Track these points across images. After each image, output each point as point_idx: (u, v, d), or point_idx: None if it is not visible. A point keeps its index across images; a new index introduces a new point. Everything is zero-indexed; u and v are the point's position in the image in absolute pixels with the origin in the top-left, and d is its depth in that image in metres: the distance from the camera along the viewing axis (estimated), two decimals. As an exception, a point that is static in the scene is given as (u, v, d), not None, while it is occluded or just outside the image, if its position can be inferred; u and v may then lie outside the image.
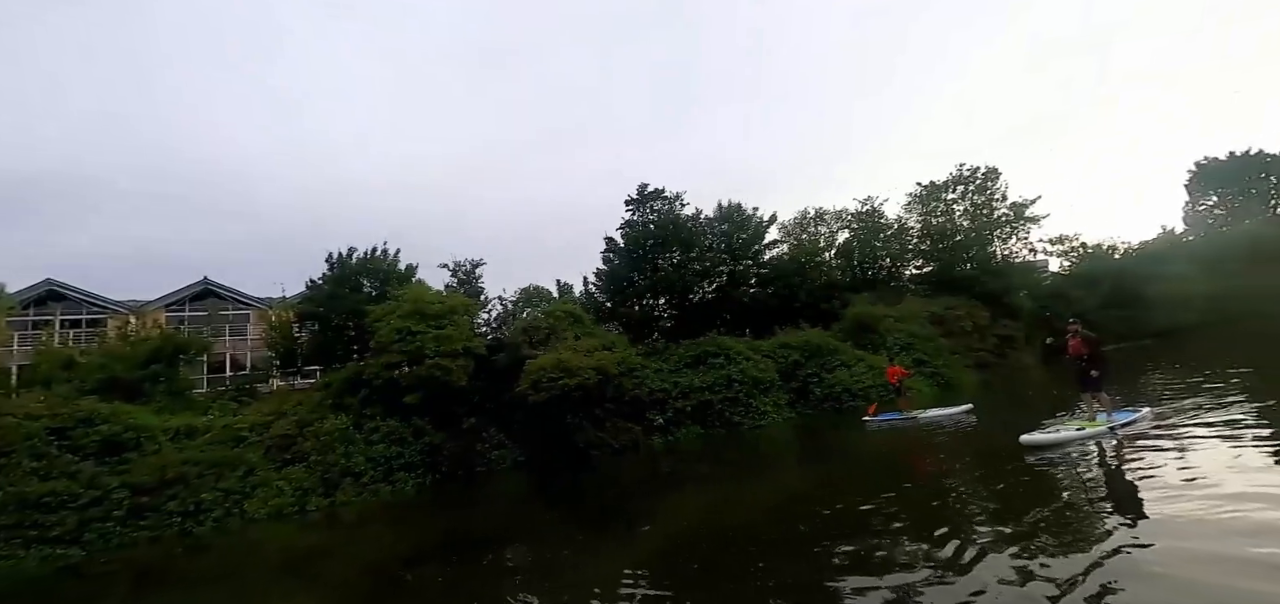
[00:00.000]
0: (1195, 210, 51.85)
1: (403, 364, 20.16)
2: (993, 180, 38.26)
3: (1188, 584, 4.15)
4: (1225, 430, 8.73)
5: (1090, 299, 35.07)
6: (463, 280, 26.84)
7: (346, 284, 24.24)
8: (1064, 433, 9.72)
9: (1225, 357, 19.37)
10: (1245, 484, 6.06)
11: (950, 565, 5.34)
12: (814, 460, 14.19)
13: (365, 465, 17.37)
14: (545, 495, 14.41)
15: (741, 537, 7.76)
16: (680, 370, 21.35)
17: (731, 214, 31.41)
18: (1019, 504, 6.85)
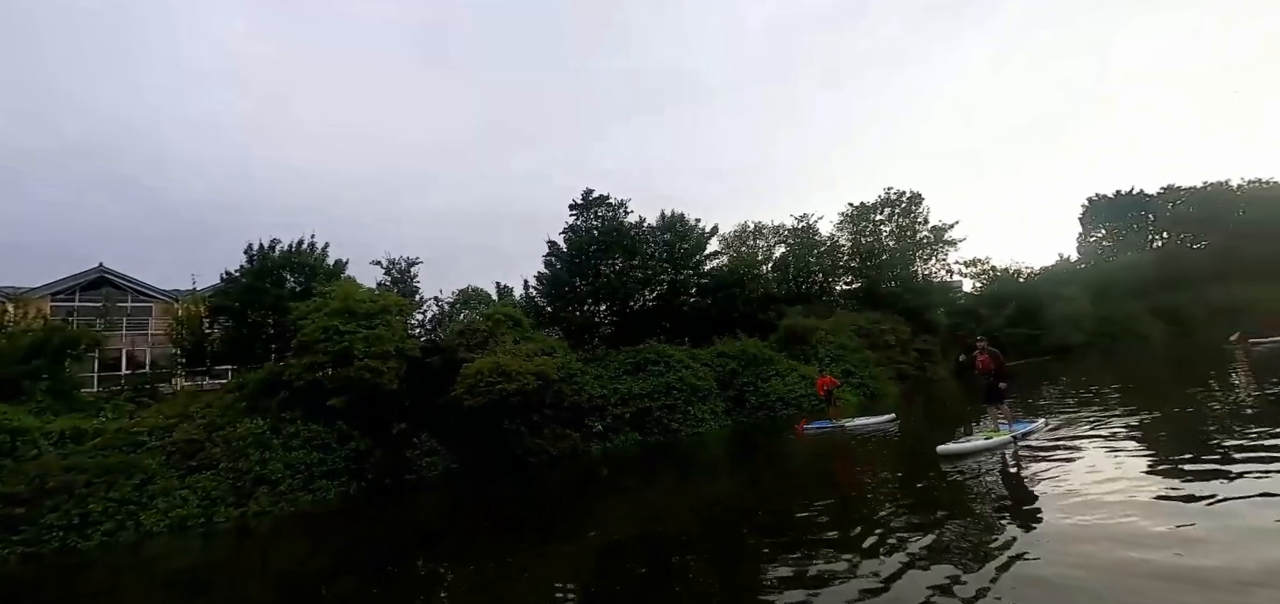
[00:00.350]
0: (1087, 241, 57.51)
1: (328, 365, 19.12)
2: (916, 204, 40.93)
3: (1074, 577, 4.61)
4: (1107, 440, 9.72)
5: (998, 318, 38.10)
6: (397, 279, 25.79)
7: (267, 278, 22.74)
8: (973, 443, 10.35)
9: (1108, 373, 21.62)
10: (1123, 487, 6.80)
11: (873, 566, 5.65)
12: (749, 467, 14.55)
13: (283, 473, 16.27)
14: (478, 504, 14.01)
15: (677, 543, 7.86)
16: (620, 377, 21.40)
17: (674, 224, 31.93)
18: (936, 509, 7.34)
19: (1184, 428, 9.96)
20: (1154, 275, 47.11)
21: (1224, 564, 4.41)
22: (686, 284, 32.25)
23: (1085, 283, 43.61)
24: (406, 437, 19.23)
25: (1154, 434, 9.80)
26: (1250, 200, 52.85)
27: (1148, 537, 5.23)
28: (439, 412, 19.80)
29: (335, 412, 18.39)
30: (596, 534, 9.18)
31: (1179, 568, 4.49)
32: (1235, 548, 4.70)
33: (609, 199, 30.63)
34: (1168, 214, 54.58)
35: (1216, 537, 4.98)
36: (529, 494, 14.23)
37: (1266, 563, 4.31)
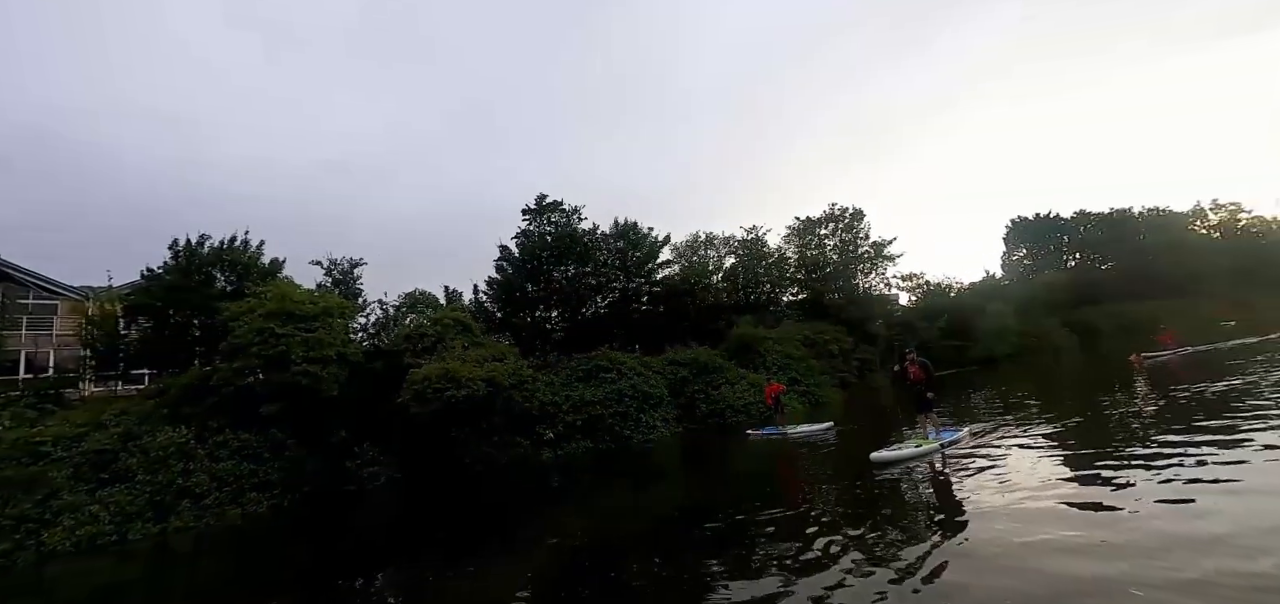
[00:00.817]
0: (1010, 259, 61.75)
1: (260, 369, 18.10)
2: (858, 220, 42.79)
3: (998, 568, 5.01)
4: (1027, 444, 10.48)
5: (932, 330, 40.29)
6: (338, 280, 24.67)
7: (194, 276, 21.29)
8: (905, 450, 10.76)
9: (1028, 382, 23.27)
10: (1041, 488, 7.37)
11: (813, 567, 5.90)
12: (699, 474, 14.76)
13: (208, 485, 15.25)
14: (424, 514, 13.57)
15: (627, 551, 7.89)
16: (572, 384, 21.26)
17: (627, 231, 32.09)
18: (871, 511, 7.72)
19: (1094, 432, 10.85)
20: (1068, 292, 51.10)
21: (1129, 541, 5.04)
22: (639, 292, 32.45)
23: (1009, 298, 46.74)
24: (347, 446, 18.42)
25: (1068, 438, 10.64)
26: (1150, 226, 58.33)
27: (1062, 528, 5.72)
28: (382, 419, 19.08)
29: (268, 419, 17.42)
30: (546, 543, 9.10)
31: (1091, 550, 4.99)
32: (1138, 531, 5.28)
33: (562, 204, 30.51)
34: (1080, 236, 59.42)
35: (1122, 522, 5.55)
36: (477, 504, 13.92)
37: (1166, 536, 4.92)
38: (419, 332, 21.42)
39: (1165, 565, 4.43)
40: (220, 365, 18.05)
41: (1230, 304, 46.95)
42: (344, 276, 24.75)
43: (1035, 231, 60.32)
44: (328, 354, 18.28)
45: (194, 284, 21.43)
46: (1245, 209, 62.24)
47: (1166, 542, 4.86)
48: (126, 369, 22.77)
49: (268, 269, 22.53)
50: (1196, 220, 62.06)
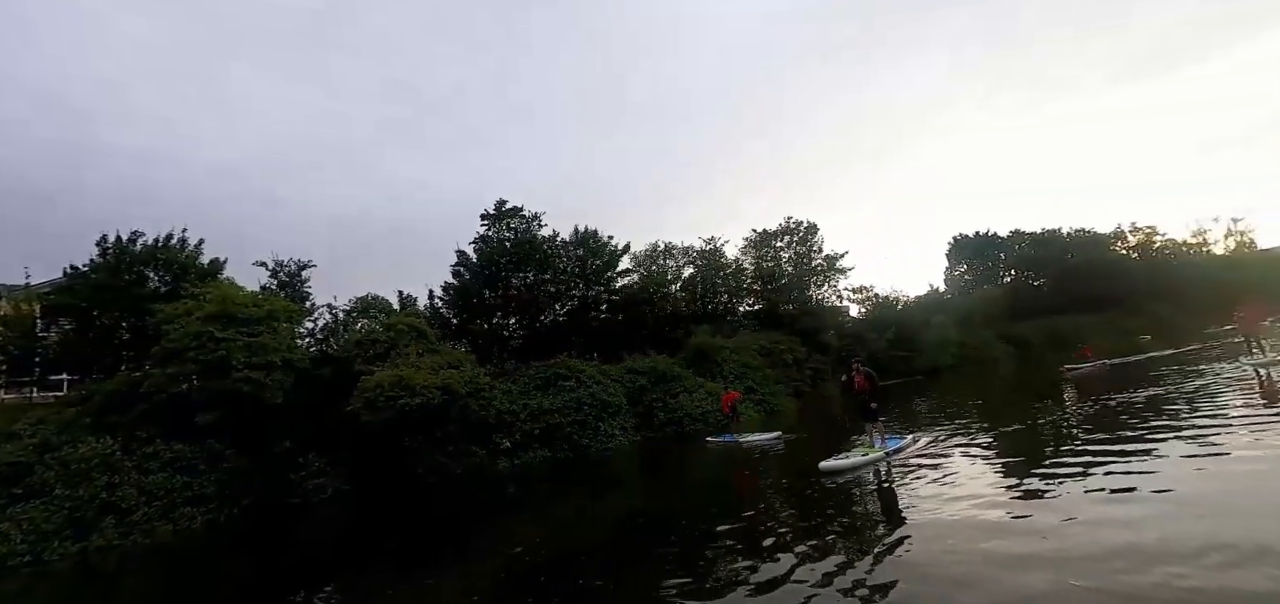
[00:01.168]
0: (952, 274, 64.98)
1: (197, 376, 17.16)
2: (812, 234, 44.14)
3: (945, 576, 5.24)
4: (968, 451, 10.98)
5: (880, 339, 41.87)
6: (284, 283, 23.61)
7: (125, 275, 19.98)
8: (852, 459, 10.88)
9: (969, 391, 24.47)
10: (982, 494, 7.76)
11: (765, 571, 6.04)
12: (656, 482, 14.83)
13: (136, 500, 14.30)
14: (374, 526, 13.12)
15: (583, 562, 7.84)
16: (530, 392, 21.03)
17: (587, 239, 32.09)
18: (821, 518, 7.92)
19: (1029, 440, 11.47)
20: (1004, 306, 54.15)
21: (1064, 545, 5.37)
22: (598, 300, 32.47)
23: (951, 311, 49.11)
24: (291, 456, 17.64)
25: (1006, 445, 11.15)
26: (1076, 245, 62.53)
27: (1002, 530, 6.09)
28: (330, 429, 18.38)
29: (205, 429, 16.52)
30: (500, 554, 8.96)
31: (1026, 553, 5.31)
32: (1067, 533, 5.68)
33: (522, 211, 30.25)
34: (1015, 254, 63.15)
35: (1054, 524, 5.95)
36: (430, 515, 13.57)
37: (1098, 541, 5.29)
38: (371, 337, 20.76)
39: (1103, 569, 4.75)
40: (152, 371, 17.01)
41: (1146, 318, 50.91)
42: (291, 279, 23.71)
43: (974, 249, 63.75)
44: (272, 360, 17.51)
45: (123, 284, 20.13)
46: (1159, 232, 67.86)
47: (1099, 545, 5.20)
48: (43, 374, 21.11)
49: (207, 269, 21.41)
50: (1118, 241, 66.99)
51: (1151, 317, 52.11)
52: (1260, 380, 13.06)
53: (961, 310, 50.33)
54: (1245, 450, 7.63)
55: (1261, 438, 8.10)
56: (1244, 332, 17.03)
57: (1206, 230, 70.92)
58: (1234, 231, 70.17)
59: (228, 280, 21.78)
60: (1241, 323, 17.35)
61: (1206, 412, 10.72)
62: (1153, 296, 59.01)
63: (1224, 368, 16.43)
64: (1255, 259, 67.73)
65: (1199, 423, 9.74)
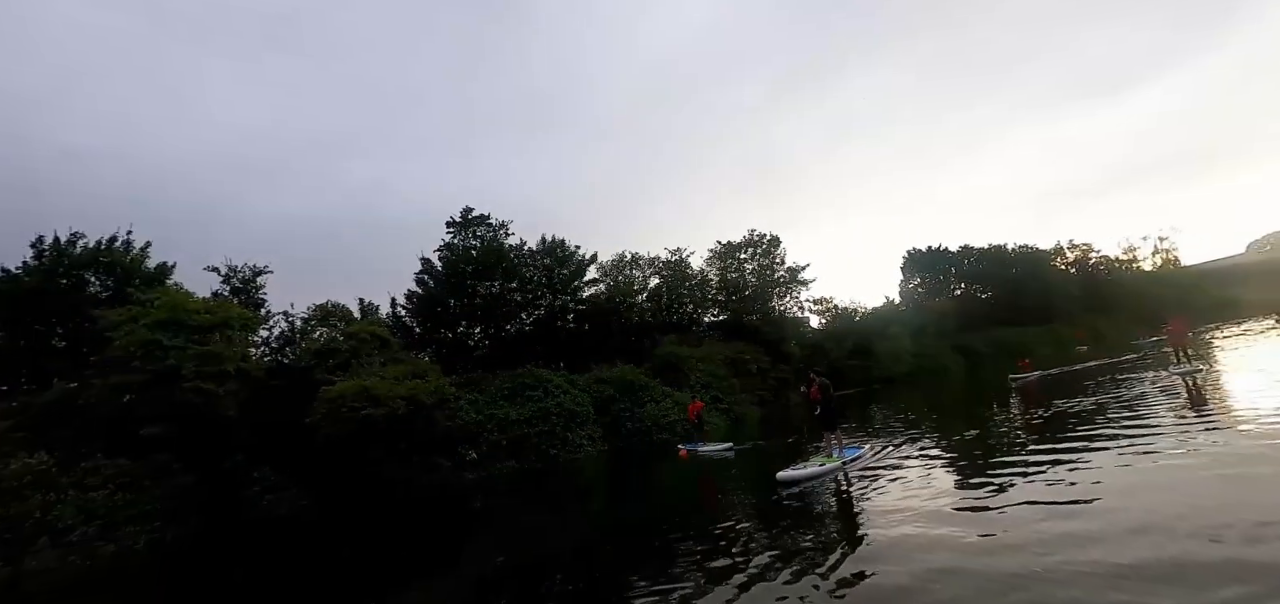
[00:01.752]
0: (907, 287, 67.41)
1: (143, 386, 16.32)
2: (775, 246, 45.15)
3: (898, 574, 5.46)
4: (923, 457, 11.40)
5: (840, 350, 43.14)
6: (238, 289, 22.66)
7: (63, 278, 18.85)
8: (809, 469, 10.87)
9: (922, 400, 25.47)
10: (936, 498, 8.11)
11: (725, 583, 6.07)
12: (623, 492, 14.88)
13: (76, 518, 13.47)
14: (334, 543, 12.71)
15: (549, 573, 7.78)
16: (497, 402, 20.80)
17: (554, 248, 32.01)
18: (782, 531, 7.90)
19: (979, 446, 11.96)
20: (954, 318, 56.54)
21: (1007, 541, 5.77)
22: (564, 309, 32.36)
23: (905, 323, 51.00)
24: (244, 470, 16.94)
25: (958, 451, 11.68)
26: (1020, 260, 65.99)
27: (953, 532, 6.44)
28: (288, 441, 17.73)
29: (151, 442, 15.71)
30: (465, 570, 8.84)
31: (978, 549, 5.69)
32: (1015, 529, 6.09)
33: (489, 219, 29.96)
34: (965, 268, 66.08)
35: (1001, 524, 6.34)
36: (393, 530, 13.25)
37: (1040, 538, 5.66)
38: (331, 347, 20.15)
39: (1048, 557, 5.13)
40: (93, 381, 16.09)
41: (1084, 329, 54.13)
42: (245, 285, 22.77)
43: (927, 262, 66.31)
44: (226, 369, 16.82)
45: (61, 288, 18.98)
46: (1094, 248, 72.47)
47: (1050, 544, 5.50)
48: (-35, 386, 19.64)
49: (154, 274, 20.39)
50: (1057, 257, 71.09)
51: (1089, 328, 55.45)
52: (1187, 388, 14.11)
53: (915, 322, 52.25)
54: (1174, 452, 8.27)
55: (1186, 441, 8.80)
56: (1172, 343, 18.36)
57: (1136, 248, 76.17)
58: (1160, 249, 75.56)
59: (176, 286, 20.81)
60: (1170, 335, 18.71)
61: (1140, 417, 11.50)
62: (1089, 309, 62.90)
63: (1153, 376, 17.66)
64: (1178, 274, 73.09)
65: (1133, 428, 10.45)
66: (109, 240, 19.95)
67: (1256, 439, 8.02)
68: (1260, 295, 62.09)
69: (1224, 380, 14.74)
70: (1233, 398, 12.04)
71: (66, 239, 19.44)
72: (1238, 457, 7.31)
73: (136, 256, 20.63)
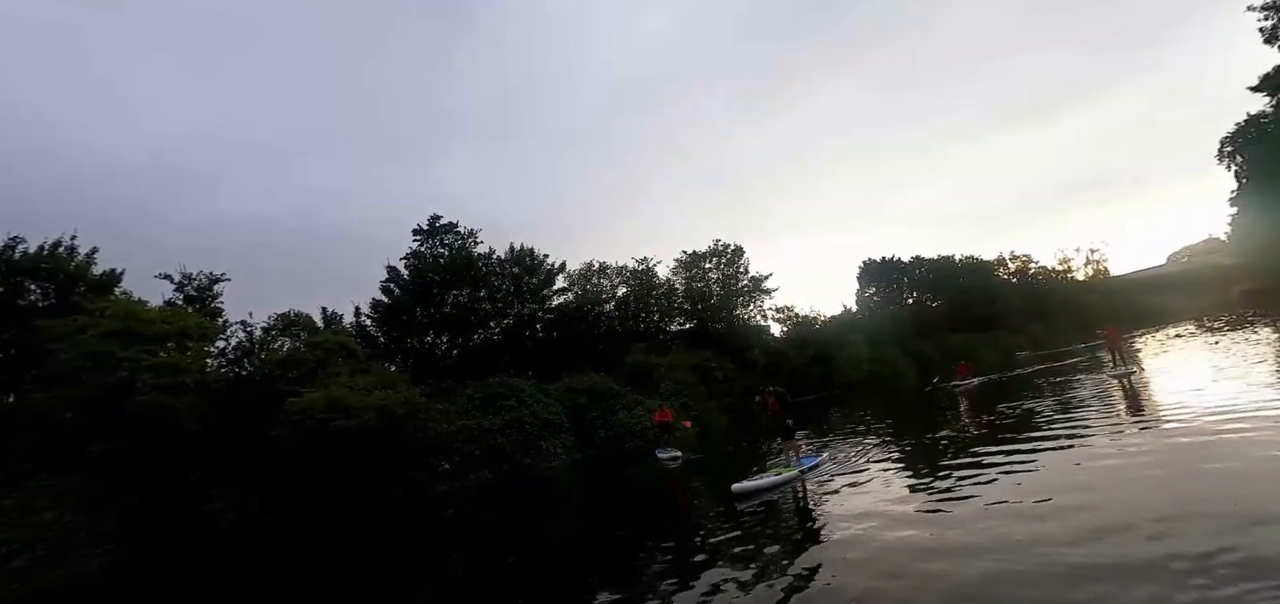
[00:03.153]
0: (863, 295, 69.99)
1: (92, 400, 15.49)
2: (739, 256, 46.20)
3: (856, 583, 5.62)
4: (880, 463, 11.36)
5: (802, 356, 44.40)
6: (192, 298, 21.66)
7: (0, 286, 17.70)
8: (766, 479, 10.67)
9: (878, 406, 26.47)
10: (895, 503, 8.24)
11: (686, 590, 6.26)
12: (597, 501, 14.87)
13: (18, 542, 12.68)
14: (297, 563, 12.28)
15: (523, 585, 7.86)
16: (469, 412, 20.59)
17: (523, 257, 31.92)
18: (745, 539, 7.93)
19: (932, 450, 12.16)
20: (908, 326, 59.07)
21: (964, 542, 6.09)
22: (533, 318, 32.27)
23: (862, 330, 52.93)
24: (203, 487, 16.28)
25: (913, 456, 11.95)
26: (966, 270, 69.59)
27: (912, 522, 6.93)
28: (250, 456, 17.12)
29: (102, 459, 14.93)
30: (436, 583, 8.82)
31: (934, 551, 6.00)
32: (972, 525, 6.56)
33: (457, 227, 29.69)
34: (916, 277, 69.17)
35: (960, 523, 6.75)
36: (364, 546, 12.92)
37: (995, 537, 6.07)
38: (295, 357, 19.56)
39: (999, 550, 5.55)
40: (36, 395, 15.18)
41: (1023, 336, 57.46)
42: (201, 294, 21.79)
43: (881, 272, 69.06)
44: (184, 381, 16.15)
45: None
46: (1033, 260, 77.20)
47: (1007, 545, 5.79)
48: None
49: (102, 281, 19.35)
50: (1000, 267, 75.29)
51: (1028, 334, 58.90)
52: (1123, 390, 15.31)
53: (872, 330, 54.33)
54: (1108, 449, 9.03)
55: (1117, 439, 9.60)
56: (1109, 347, 19.87)
57: (1070, 259, 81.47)
58: (1092, 260, 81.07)
59: (124, 294, 19.83)
60: (1107, 340, 20.25)
61: (1079, 418, 12.41)
62: (1029, 316, 66.84)
63: (1092, 379, 19.02)
64: (1108, 284, 78.54)
65: (1073, 427, 11.31)
66: (52, 245, 18.83)
67: (1187, 436, 8.81)
68: (1178, 303, 67.56)
69: (1154, 383, 15.82)
70: (1163, 399, 12.96)
71: (3, 244, 18.24)
72: (1171, 452, 8.12)
73: (81, 263, 19.53)
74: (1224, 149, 45.30)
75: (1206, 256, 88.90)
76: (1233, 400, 10.52)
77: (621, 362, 29.81)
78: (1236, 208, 49.45)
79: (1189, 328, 35.68)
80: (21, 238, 18.40)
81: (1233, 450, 7.62)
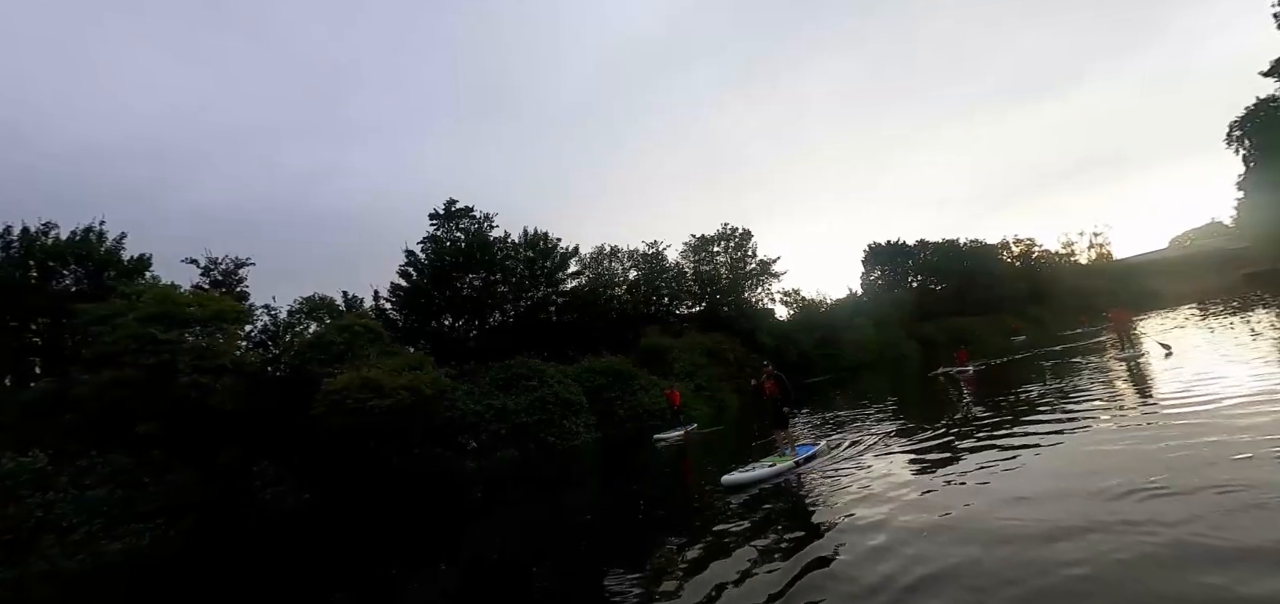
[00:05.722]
0: (868, 279, 70.40)
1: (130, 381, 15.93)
2: (747, 239, 46.56)
3: (856, 578, 5.43)
4: (882, 446, 11.16)
5: (809, 339, 44.93)
6: (218, 282, 22.04)
7: (34, 271, 18.05)
8: (758, 471, 10.03)
9: (885, 387, 26.56)
10: (897, 490, 7.88)
11: (692, 577, 6.15)
12: (616, 478, 15.17)
13: (77, 516, 13.20)
14: (335, 536, 12.77)
15: (543, 567, 8.04)
16: (492, 393, 21.10)
17: (537, 241, 32.25)
18: (754, 518, 7.91)
19: (935, 436, 11.32)
20: (912, 309, 59.57)
21: (980, 528, 5.88)
22: (547, 301, 32.69)
23: (868, 314, 53.45)
24: (243, 465, 16.79)
25: (918, 440, 11.28)
26: (971, 254, 69.91)
27: (916, 508, 6.92)
28: (284, 435, 17.62)
29: (145, 440, 15.41)
30: (464, 559, 9.16)
31: (938, 525, 6.07)
32: (974, 508, 6.50)
33: (472, 211, 29.93)
34: (921, 261, 69.54)
35: (962, 501, 6.86)
36: (399, 521, 13.41)
37: (1006, 522, 5.89)
38: (324, 340, 20.00)
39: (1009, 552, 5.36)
40: (81, 377, 15.63)
41: (1023, 319, 57.89)
42: (226, 278, 22.16)
43: (886, 256, 69.47)
44: (222, 363, 16.60)
45: (31, 281, 18.18)
46: (1037, 243, 77.48)
47: (1006, 521, 5.84)
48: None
49: (133, 266, 19.72)
50: (1003, 250, 75.60)
51: (1031, 318, 59.41)
52: (1130, 373, 15.56)
53: (876, 313, 54.82)
54: (1123, 437, 8.71)
55: (1121, 420, 9.63)
56: (1116, 330, 20.26)
57: (1073, 242, 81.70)
58: (1094, 244, 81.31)
59: (154, 278, 20.22)
60: (1114, 323, 20.64)
61: (1087, 401, 12.35)
62: (1032, 300, 67.28)
63: (1094, 361, 19.26)
64: (1110, 267, 78.91)
65: (1082, 410, 11.21)
66: (84, 231, 19.15)
67: (1192, 420, 8.57)
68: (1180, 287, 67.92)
69: (1161, 367, 15.19)
70: (1169, 383, 12.40)
71: (36, 228, 18.57)
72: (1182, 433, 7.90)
73: (111, 248, 19.88)
74: (1232, 132, 45.43)
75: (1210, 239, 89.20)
76: (1252, 385, 10.16)
77: (634, 344, 30.28)
78: (1243, 191, 49.70)
79: (1192, 311, 35.82)
80: (53, 223, 18.74)
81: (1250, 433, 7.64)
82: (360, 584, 8.51)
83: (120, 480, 14.47)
